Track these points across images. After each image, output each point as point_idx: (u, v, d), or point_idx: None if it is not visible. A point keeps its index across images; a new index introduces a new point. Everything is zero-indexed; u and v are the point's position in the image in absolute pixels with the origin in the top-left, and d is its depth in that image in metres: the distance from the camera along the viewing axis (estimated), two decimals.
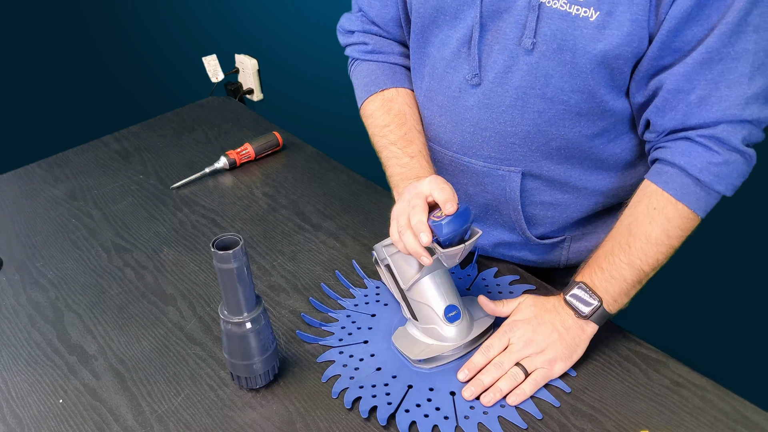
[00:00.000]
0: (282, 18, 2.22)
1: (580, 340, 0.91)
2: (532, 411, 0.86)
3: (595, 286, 0.91)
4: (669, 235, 0.89)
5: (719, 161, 0.87)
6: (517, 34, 0.90)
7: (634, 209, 0.92)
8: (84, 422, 0.89)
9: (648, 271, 0.91)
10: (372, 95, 1.10)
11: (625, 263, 0.90)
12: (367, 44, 1.12)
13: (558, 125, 0.95)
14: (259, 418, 0.88)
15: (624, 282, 0.90)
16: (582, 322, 0.91)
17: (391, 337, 0.96)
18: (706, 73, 0.84)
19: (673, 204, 0.89)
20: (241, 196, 1.31)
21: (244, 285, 0.83)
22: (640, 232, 0.90)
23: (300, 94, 2.29)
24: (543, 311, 0.93)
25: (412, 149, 1.02)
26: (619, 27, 0.84)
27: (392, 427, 0.85)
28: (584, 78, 0.90)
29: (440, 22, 0.98)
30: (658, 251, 0.90)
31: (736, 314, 1.70)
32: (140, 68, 2.98)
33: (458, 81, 0.99)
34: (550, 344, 0.90)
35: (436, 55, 1.01)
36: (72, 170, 1.42)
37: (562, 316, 0.92)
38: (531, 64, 0.91)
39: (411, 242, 0.87)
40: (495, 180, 1.03)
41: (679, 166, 0.89)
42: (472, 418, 0.85)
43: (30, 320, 1.06)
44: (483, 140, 1.00)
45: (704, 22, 0.82)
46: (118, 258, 1.17)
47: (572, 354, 0.91)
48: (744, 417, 0.85)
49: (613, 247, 0.91)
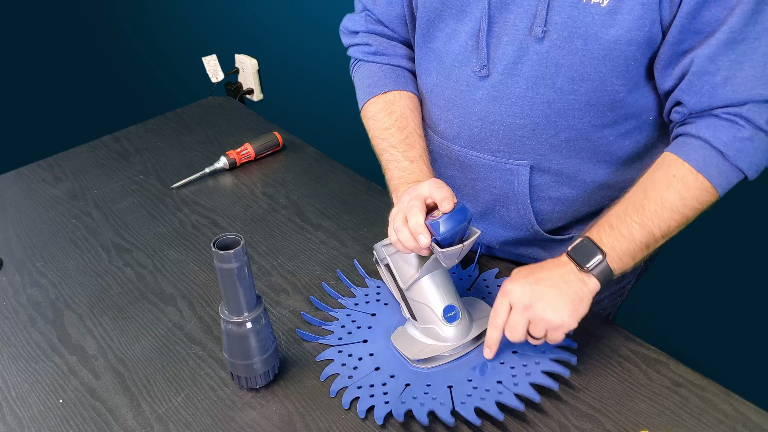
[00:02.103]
0: (282, 18, 2.22)
1: (583, 294, 0.87)
2: (530, 395, 0.86)
3: (601, 241, 0.88)
4: (684, 203, 0.88)
5: (745, 136, 0.87)
6: (527, 23, 0.90)
7: (652, 175, 0.90)
8: (84, 422, 0.89)
9: (658, 237, 0.89)
10: (373, 97, 1.09)
11: (637, 223, 0.88)
12: (371, 45, 1.12)
13: (567, 116, 0.95)
14: (259, 418, 0.88)
15: (633, 242, 0.88)
16: (583, 276, 0.87)
17: (390, 336, 0.96)
18: (730, 54, 0.84)
19: (694, 174, 0.88)
20: (241, 196, 1.31)
21: (245, 285, 0.83)
22: (656, 195, 0.88)
23: (300, 94, 2.29)
24: (539, 269, 0.89)
25: (413, 153, 1.02)
26: (630, 11, 0.85)
27: (390, 426, 0.85)
28: (596, 65, 0.90)
29: (446, 15, 0.98)
30: (671, 217, 0.88)
31: (736, 314, 1.70)
32: (140, 68, 2.98)
33: (466, 74, 0.99)
34: (551, 300, 0.86)
35: (442, 49, 1.01)
36: (72, 170, 1.42)
37: (562, 271, 0.88)
38: (541, 53, 0.91)
39: (408, 242, 0.87)
40: (503, 174, 1.02)
41: (704, 138, 0.88)
42: (469, 403, 0.85)
43: (30, 320, 1.06)
44: (491, 133, 1.00)
45: (722, 2, 0.82)
46: (118, 258, 1.17)
47: (577, 308, 0.87)
48: (745, 417, 0.84)
49: (627, 207, 0.89)
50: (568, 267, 0.88)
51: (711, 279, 1.71)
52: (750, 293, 1.66)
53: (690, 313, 1.78)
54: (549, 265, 0.89)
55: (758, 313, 1.67)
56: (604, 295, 1.16)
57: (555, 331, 0.87)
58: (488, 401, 0.85)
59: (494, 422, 0.85)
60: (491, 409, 0.83)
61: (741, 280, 1.67)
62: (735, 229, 1.62)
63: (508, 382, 0.88)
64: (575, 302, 0.86)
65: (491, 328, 0.90)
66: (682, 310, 1.80)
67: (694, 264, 1.72)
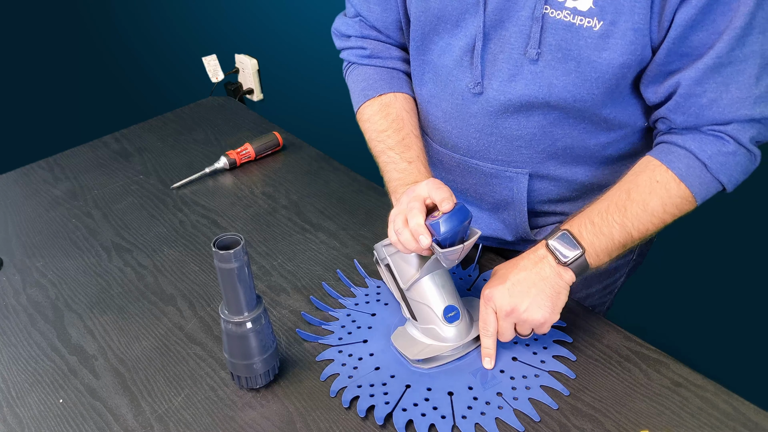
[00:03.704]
0: (282, 18, 2.22)
1: (559, 287, 0.89)
2: (530, 413, 0.86)
3: (581, 236, 0.90)
4: (665, 210, 0.90)
5: (729, 150, 0.88)
6: (521, 43, 0.91)
7: (636, 177, 0.92)
8: (84, 422, 0.89)
9: (636, 238, 0.91)
10: (369, 100, 1.09)
11: (618, 223, 0.90)
12: (365, 49, 1.11)
13: (563, 126, 0.96)
14: (259, 418, 0.88)
15: (611, 240, 0.90)
16: (560, 269, 0.89)
17: (390, 336, 0.96)
18: (716, 77, 0.85)
19: (677, 182, 0.90)
20: (241, 196, 1.31)
21: (245, 285, 0.83)
22: (639, 198, 0.90)
23: (300, 94, 2.29)
24: (515, 269, 0.91)
25: (410, 154, 1.02)
26: (622, 36, 0.85)
27: (390, 426, 0.85)
28: (588, 87, 0.91)
29: (441, 29, 0.98)
30: (651, 221, 0.91)
31: (736, 314, 1.70)
32: (140, 68, 2.98)
33: (461, 89, 0.99)
34: (531, 301, 0.89)
35: (437, 62, 1.02)
36: (72, 170, 1.42)
37: (538, 267, 0.90)
38: (535, 73, 0.92)
39: (409, 243, 0.87)
40: (503, 181, 1.04)
41: (689, 149, 0.90)
42: (470, 418, 0.85)
43: (30, 320, 1.06)
44: (489, 144, 1.01)
45: (710, 27, 0.83)
46: (118, 258, 1.17)
47: (556, 302, 0.89)
48: (745, 417, 0.84)
49: (609, 206, 0.91)
50: (545, 262, 0.90)
51: (711, 279, 1.71)
52: (750, 293, 1.66)
53: (690, 313, 1.78)
54: (526, 263, 0.91)
55: (758, 312, 1.67)
56: (594, 289, 1.17)
57: (540, 327, 0.90)
58: (488, 417, 0.86)
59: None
60: (492, 430, 0.84)
61: (741, 280, 1.67)
62: (735, 229, 1.62)
63: (508, 396, 0.88)
64: (553, 297, 0.89)
65: (485, 338, 0.93)
66: (681, 309, 1.80)
67: (694, 264, 1.72)
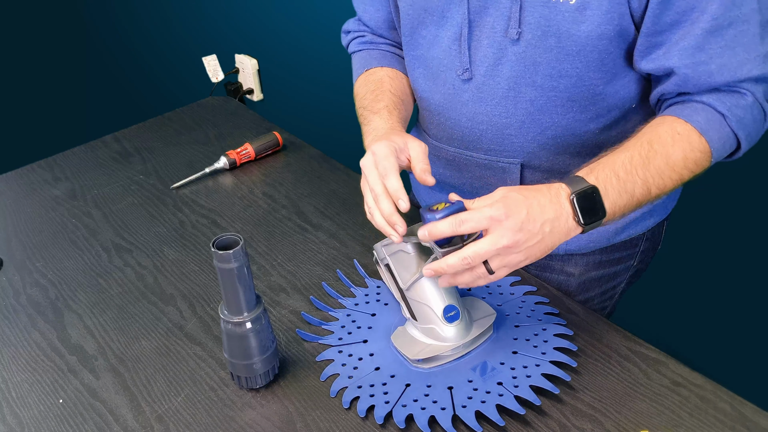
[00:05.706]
0: (282, 18, 2.22)
1: (557, 242, 0.82)
2: (530, 398, 0.86)
3: (607, 196, 0.83)
4: (686, 164, 0.87)
5: (747, 104, 0.87)
6: (503, 26, 0.93)
7: (655, 129, 0.87)
8: (84, 422, 0.89)
9: (653, 195, 0.87)
10: (359, 77, 1.13)
11: (641, 180, 0.84)
12: (364, 36, 1.17)
13: (551, 113, 0.97)
14: (259, 418, 0.88)
15: (631, 200, 0.85)
16: (574, 226, 0.82)
17: (390, 336, 0.96)
18: (719, 40, 0.84)
19: (697, 135, 0.87)
20: (241, 196, 1.31)
21: (244, 285, 0.83)
22: (662, 150, 0.86)
23: (300, 94, 2.29)
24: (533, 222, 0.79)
25: (378, 106, 1.01)
26: (598, 6, 0.86)
27: (390, 426, 0.85)
28: (571, 61, 0.91)
29: (428, 22, 1.00)
30: (671, 177, 0.86)
31: (736, 314, 1.70)
32: (140, 68, 2.98)
33: (451, 78, 1.01)
34: (530, 248, 0.80)
35: (426, 55, 1.04)
36: (72, 170, 1.42)
37: (557, 213, 0.81)
38: (518, 53, 0.93)
39: (387, 209, 0.84)
40: (496, 172, 1.05)
41: (707, 102, 0.88)
42: (470, 407, 0.85)
43: (30, 320, 1.06)
44: (481, 133, 1.02)
45: None
46: (118, 258, 1.17)
47: (541, 255, 0.82)
48: (744, 417, 0.84)
49: (633, 156, 0.85)
50: (564, 211, 0.81)
51: (711, 279, 1.71)
52: (750, 293, 1.66)
53: (689, 313, 1.78)
54: (545, 201, 0.80)
55: (758, 312, 1.67)
56: (593, 294, 1.17)
57: (515, 267, 0.82)
58: (489, 404, 0.85)
59: (495, 424, 0.85)
60: (492, 415, 0.84)
61: (741, 280, 1.66)
62: (735, 229, 1.62)
63: (509, 384, 0.88)
64: (543, 251, 0.82)
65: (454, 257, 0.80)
66: (681, 309, 1.80)
67: (694, 264, 1.72)
